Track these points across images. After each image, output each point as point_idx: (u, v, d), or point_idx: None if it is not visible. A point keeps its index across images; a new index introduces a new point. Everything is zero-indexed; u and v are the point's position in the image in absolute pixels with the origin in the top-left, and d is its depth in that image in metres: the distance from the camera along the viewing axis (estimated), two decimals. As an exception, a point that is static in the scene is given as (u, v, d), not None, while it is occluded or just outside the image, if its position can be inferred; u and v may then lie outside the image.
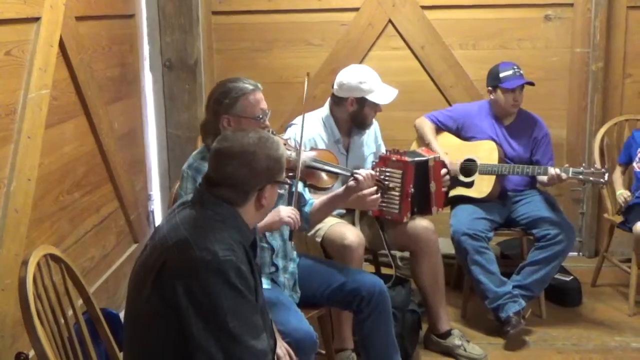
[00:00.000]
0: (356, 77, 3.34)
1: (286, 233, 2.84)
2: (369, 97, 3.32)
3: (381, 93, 3.34)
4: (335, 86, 3.39)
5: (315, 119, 3.40)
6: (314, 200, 2.96)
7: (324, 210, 2.96)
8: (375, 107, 3.36)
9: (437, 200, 3.34)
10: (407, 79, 4.51)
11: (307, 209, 2.93)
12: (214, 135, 2.62)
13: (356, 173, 2.87)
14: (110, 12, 3.81)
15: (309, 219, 2.94)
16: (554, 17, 4.46)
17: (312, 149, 3.10)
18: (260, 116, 2.65)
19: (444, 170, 3.38)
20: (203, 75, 4.51)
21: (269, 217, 2.62)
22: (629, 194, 3.90)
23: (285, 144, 2.77)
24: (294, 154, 2.75)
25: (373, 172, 2.94)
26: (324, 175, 2.89)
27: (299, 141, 2.83)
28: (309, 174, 2.84)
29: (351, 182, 2.87)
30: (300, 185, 2.75)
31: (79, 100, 3.33)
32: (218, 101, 2.66)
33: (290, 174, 2.68)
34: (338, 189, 2.94)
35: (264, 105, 2.68)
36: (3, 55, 2.58)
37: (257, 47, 4.60)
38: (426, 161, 3.30)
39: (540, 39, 4.49)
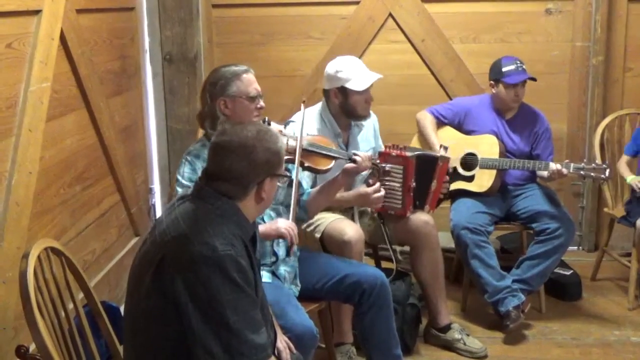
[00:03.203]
0: (334, 67, 3.34)
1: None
2: (347, 85, 3.29)
3: (359, 80, 3.29)
4: (323, 80, 3.41)
5: (313, 116, 3.39)
6: (310, 190, 2.97)
7: (323, 197, 2.98)
8: (364, 95, 3.31)
9: (432, 200, 3.36)
10: (407, 72, 4.52)
11: (304, 197, 2.94)
12: (211, 120, 2.67)
13: (355, 154, 2.91)
14: (111, 5, 3.80)
15: (307, 208, 2.95)
16: (555, 11, 4.46)
17: (307, 134, 3.09)
18: (255, 95, 2.71)
19: (447, 177, 3.39)
20: (203, 68, 4.51)
21: (267, 226, 2.65)
22: None
23: (280, 132, 2.78)
24: (291, 141, 2.76)
25: (369, 154, 2.96)
26: (321, 157, 2.90)
27: (299, 133, 2.84)
28: (306, 155, 2.85)
29: (350, 164, 2.89)
30: (293, 190, 2.75)
31: (80, 93, 3.33)
32: (212, 85, 2.72)
33: (288, 157, 2.69)
34: (335, 174, 2.96)
35: (257, 86, 2.74)
36: (4, 48, 2.57)
37: (257, 40, 4.60)
38: (436, 159, 3.31)
39: (540, 32, 4.49)
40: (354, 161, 2.90)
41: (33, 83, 2.74)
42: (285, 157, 2.65)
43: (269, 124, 2.70)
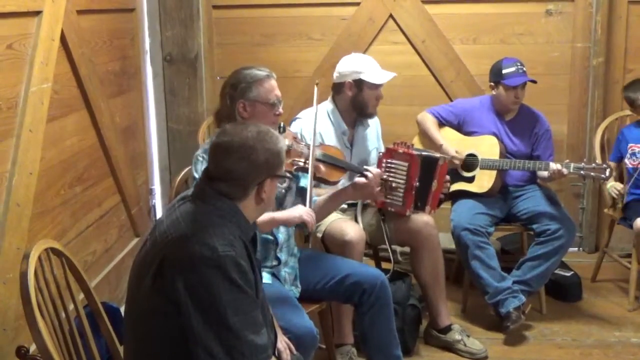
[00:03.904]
0: (352, 61, 3.40)
1: (292, 228, 2.87)
2: (364, 77, 3.33)
3: (376, 74, 3.36)
4: (335, 74, 3.43)
5: (320, 113, 3.40)
6: (317, 198, 2.97)
7: (329, 207, 2.98)
8: (375, 91, 3.36)
9: (434, 200, 3.34)
10: (407, 73, 4.51)
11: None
12: (227, 120, 2.68)
13: (366, 170, 2.91)
14: (111, 6, 3.81)
15: None
16: (555, 12, 4.46)
17: (320, 144, 3.11)
18: (274, 102, 2.72)
19: (447, 177, 3.39)
20: (203, 69, 4.52)
21: (287, 213, 2.66)
22: (621, 186, 3.88)
23: (294, 139, 2.80)
24: (305, 150, 2.77)
25: (381, 171, 2.97)
26: (333, 169, 2.91)
27: (311, 137, 2.85)
28: (319, 167, 2.86)
29: (360, 179, 2.89)
30: (308, 181, 2.76)
31: (81, 94, 3.33)
32: (234, 86, 2.72)
33: (300, 164, 2.70)
34: (345, 184, 2.96)
35: (277, 92, 2.75)
36: (4, 49, 2.58)
37: (258, 41, 4.60)
38: (436, 159, 3.31)
39: (541, 33, 4.49)
40: (365, 176, 2.90)
41: (34, 84, 2.74)
42: (298, 166, 2.69)
43: (284, 130, 2.71)
